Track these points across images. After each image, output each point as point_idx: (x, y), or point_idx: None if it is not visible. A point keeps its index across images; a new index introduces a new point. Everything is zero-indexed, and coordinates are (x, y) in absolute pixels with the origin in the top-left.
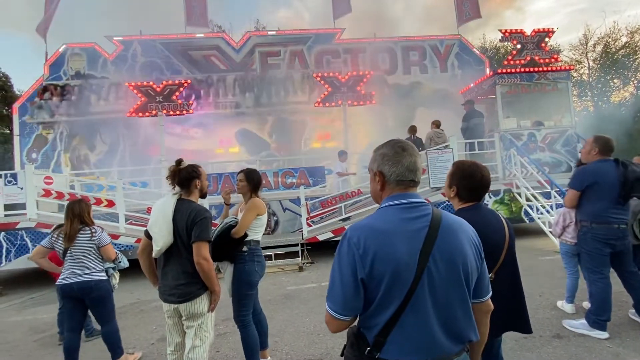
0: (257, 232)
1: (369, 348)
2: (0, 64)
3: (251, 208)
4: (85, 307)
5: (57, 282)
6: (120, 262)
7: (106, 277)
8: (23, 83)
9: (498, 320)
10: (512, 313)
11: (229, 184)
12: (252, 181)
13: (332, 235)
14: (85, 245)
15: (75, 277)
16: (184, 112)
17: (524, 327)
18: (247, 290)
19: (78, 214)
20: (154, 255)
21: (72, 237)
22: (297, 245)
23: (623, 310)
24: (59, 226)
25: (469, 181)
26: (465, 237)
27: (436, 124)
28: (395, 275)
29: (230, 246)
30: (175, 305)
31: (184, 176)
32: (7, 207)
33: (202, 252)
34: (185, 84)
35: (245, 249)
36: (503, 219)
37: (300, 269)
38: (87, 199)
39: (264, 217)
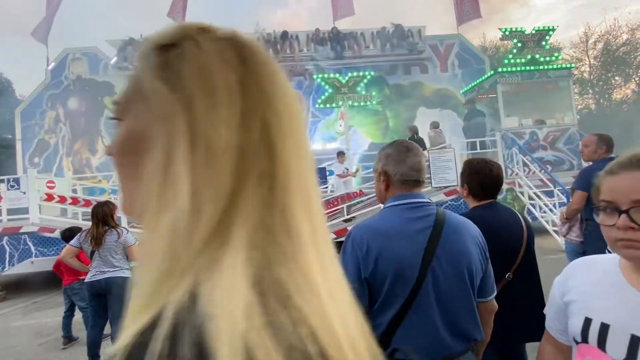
0: None
1: None
2: (1, 69)
3: None
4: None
5: (86, 279)
6: None
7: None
8: (24, 88)
9: (517, 324)
10: (531, 317)
11: None
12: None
13: (335, 236)
14: (113, 246)
15: (103, 274)
16: None
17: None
18: None
19: (102, 217)
20: None
21: (99, 241)
22: None
23: None
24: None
25: (479, 177)
26: (469, 237)
27: (434, 125)
28: (398, 274)
29: None
30: None
31: None
32: (10, 211)
33: None
34: None
35: None
36: (522, 218)
37: None
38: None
39: None
